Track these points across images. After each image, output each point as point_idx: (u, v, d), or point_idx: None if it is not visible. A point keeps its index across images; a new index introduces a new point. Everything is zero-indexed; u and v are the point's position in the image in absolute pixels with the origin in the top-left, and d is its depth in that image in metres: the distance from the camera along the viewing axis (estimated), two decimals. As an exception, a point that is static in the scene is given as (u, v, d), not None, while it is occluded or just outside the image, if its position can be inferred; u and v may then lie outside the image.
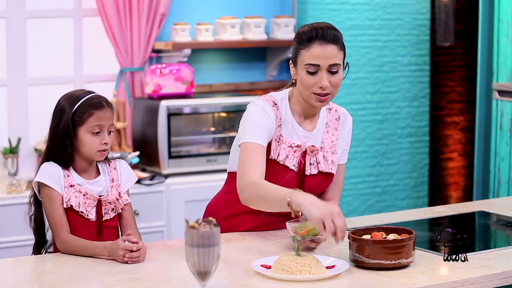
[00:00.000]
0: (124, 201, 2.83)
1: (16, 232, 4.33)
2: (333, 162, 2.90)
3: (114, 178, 2.84)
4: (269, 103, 2.83)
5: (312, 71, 2.73)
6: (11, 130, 4.90)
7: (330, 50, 2.72)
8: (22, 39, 4.90)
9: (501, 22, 5.05)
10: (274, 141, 2.82)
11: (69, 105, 2.75)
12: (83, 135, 2.75)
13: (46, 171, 2.74)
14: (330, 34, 2.73)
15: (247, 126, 2.79)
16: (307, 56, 2.74)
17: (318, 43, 2.72)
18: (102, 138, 2.76)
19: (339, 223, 2.45)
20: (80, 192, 2.75)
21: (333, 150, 2.91)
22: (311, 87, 2.74)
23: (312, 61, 2.73)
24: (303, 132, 2.85)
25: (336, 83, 2.75)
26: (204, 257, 2.08)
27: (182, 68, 4.99)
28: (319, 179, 2.88)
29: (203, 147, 5.02)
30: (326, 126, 2.91)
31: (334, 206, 2.51)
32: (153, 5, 5.03)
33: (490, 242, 2.96)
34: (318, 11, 5.37)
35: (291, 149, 2.83)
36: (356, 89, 5.56)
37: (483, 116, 5.37)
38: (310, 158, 2.86)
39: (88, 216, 2.75)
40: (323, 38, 2.72)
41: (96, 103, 2.76)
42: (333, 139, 2.91)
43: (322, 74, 2.72)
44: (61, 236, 2.70)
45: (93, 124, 2.74)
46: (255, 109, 2.81)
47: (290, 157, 2.83)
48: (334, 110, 2.95)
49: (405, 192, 5.80)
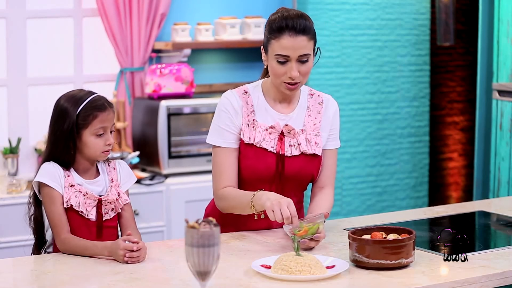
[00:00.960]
0: (123, 201, 2.83)
1: (16, 232, 4.33)
2: (317, 143, 2.89)
3: (113, 178, 2.84)
4: (239, 91, 2.89)
5: (282, 61, 2.77)
6: (11, 130, 4.90)
7: (300, 41, 2.75)
8: (22, 39, 4.90)
9: (501, 22, 5.05)
10: (246, 126, 2.85)
11: (72, 108, 2.74)
12: (87, 137, 2.74)
13: (46, 171, 2.74)
14: (300, 24, 2.75)
15: (212, 126, 2.89)
16: (277, 47, 2.76)
17: (288, 34, 2.75)
18: (106, 139, 2.76)
19: (285, 211, 2.59)
20: (80, 192, 2.75)
21: (316, 132, 2.90)
22: (281, 76, 2.79)
23: (282, 52, 2.75)
24: (278, 115, 2.87)
25: (306, 71, 2.79)
26: (204, 257, 2.08)
27: (182, 68, 4.99)
28: (302, 161, 2.87)
29: (203, 147, 5.02)
30: (308, 109, 2.91)
31: (286, 198, 2.64)
32: (153, 5, 5.03)
33: (490, 242, 2.95)
34: (318, 11, 5.37)
35: (267, 132, 2.85)
36: (356, 89, 5.56)
37: (483, 116, 5.37)
38: (290, 140, 2.86)
39: (88, 216, 2.75)
40: (293, 28, 2.74)
41: (99, 105, 2.76)
42: (316, 122, 2.91)
43: (292, 65, 2.76)
44: (61, 236, 2.70)
45: (97, 127, 2.74)
46: (219, 106, 2.88)
47: (267, 139, 2.85)
48: (317, 95, 2.96)
49: (405, 192, 5.79)
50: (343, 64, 5.49)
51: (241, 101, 2.86)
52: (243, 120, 2.85)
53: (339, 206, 5.52)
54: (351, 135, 5.56)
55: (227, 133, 2.85)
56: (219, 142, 2.86)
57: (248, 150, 2.84)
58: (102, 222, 2.78)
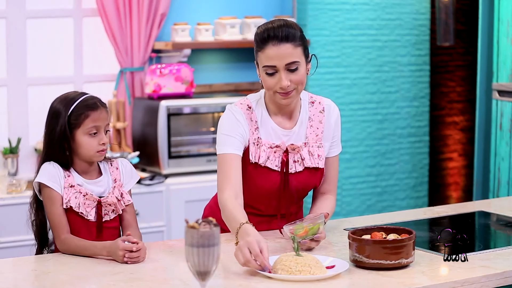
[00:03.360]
0: (126, 202, 2.82)
1: (16, 232, 4.33)
2: (320, 156, 2.87)
3: (116, 178, 2.84)
4: (243, 107, 2.83)
5: (271, 72, 2.72)
6: (11, 130, 4.90)
7: (284, 49, 2.70)
8: (22, 39, 4.90)
9: (501, 22, 5.05)
10: (252, 145, 2.81)
11: (64, 108, 2.74)
12: (81, 137, 2.74)
13: (46, 171, 2.74)
14: (282, 32, 2.70)
15: (219, 136, 2.81)
16: (263, 58, 2.73)
17: (272, 43, 2.70)
18: (100, 139, 2.76)
19: (246, 256, 2.41)
20: (80, 193, 2.75)
21: (319, 143, 2.87)
22: (272, 87, 2.74)
23: (268, 63, 2.71)
24: (282, 131, 2.83)
25: (298, 79, 2.73)
26: (204, 257, 2.08)
27: (182, 68, 4.99)
28: (306, 175, 2.86)
29: (203, 147, 5.02)
30: (310, 120, 2.88)
31: (255, 242, 2.42)
32: (153, 5, 5.03)
33: (490, 242, 2.95)
34: (318, 11, 5.37)
35: (271, 150, 2.82)
36: (356, 89, 5.56)
37: (483, 116, 5.37)
38: (293, 155, 2.84)
39: (88, 217, 2.75)
40: (275, 37, 2.70)
41: (91, 104, 2.75)
42: (318, 133, 2.88)
43: (281, 75, 2.71)
44: (61, 236, 2.70)
45: (89, 126, 2.74)
46: (226, 117, 2.82)
47: (271, 158, 2.81)
48: (318, 103, 2.91)
49: (405, 192, 5.80)
50: (343, 64, 5.49)
51: (245, 120, 2.81)
52: (250, 138, 2.81)
53: (339, 206, 5.52)
54: (351, 135, 5.56)
55: (232, 138, 2.78)
56: (223, 150, 2.79)
57: (252, 169, 2.81)
58: (102, 223, 2.78)
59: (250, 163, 2.81)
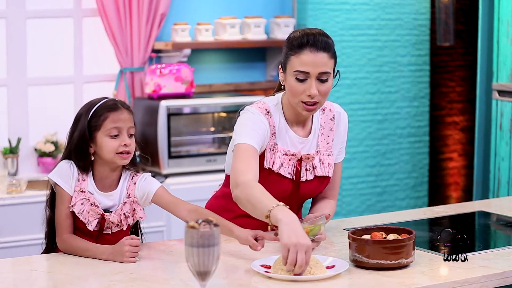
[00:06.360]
0: (137, 218, 2.78)
1: (16, 232, 4.33)
2: (330, 164, 2.87)
3: (130, 194, 2.79)
4: (262, 111, 2.79)
5: (301, 78, 2.69)
6: (11, 130, 4.90)
7: (320, 58, 2.68)
8: (22, 39, 4.90)
9: (501, 22, 5.05)
10: (268, 150, 2.79)
11: (85, 112, 2.73)
12: (101, 139, 2.71)
13: (60, 169, 2.73)
14: (321, 41, 2.70)
15: (242, 129, 2.74)
16: (297, 63, 2.69)
17: (309, 50, 2.68)
18: (122, 140, 2.71)
19: (300, 259, 2.33)
20: (88, 200, 2.72)
21: (329, 152, 2.87)
22: (299, 94, 2.70)
23: (302, 68, 2.68)
24: (298, 139, 2.82)
25: (325, 91, 2.70)
26: (204, 257, 2.08)
27: (182, 68, 4.99)
28: (315, 184, 2.87)
29: (203, 147, 5.02)
30: (321, 128, 2.87)
31: (306, 240, 2.35)
32: (153, 5, 5.03)
33: (490, 242, 2.95)
34: (318, 11, 5.37)
35: (286, 157, 2.80)
36: (356, 89, 5.56)
37: (483, 116, 5.37)
38: (306, 164, 2.83)
39: (89, 227, 2.73)
40: (314, 45, 2.68)
41: (110, 105, 2.73)
42: (329, 141, 2.88)
43: (311, 82, 2.68)
44: (63, 235, 2.69)
45: (109, 127, 2.70)
46: (250, 115, 2.77)
47: (285, 165, 2.80)
48: (328, 110, 2.90)
49: (405, 192, 5.80)
50: (343, 64, 5.49)
51: (267, 123, 2.76)
52: (268, 144, 2.78)
53: (339, 206, 5.52)
54: (351, 135, 5.56)
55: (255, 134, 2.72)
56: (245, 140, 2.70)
57: (265, 175, 2.78)
58: (102, 234, 2.76)
59: (263, 168, 2.78)
